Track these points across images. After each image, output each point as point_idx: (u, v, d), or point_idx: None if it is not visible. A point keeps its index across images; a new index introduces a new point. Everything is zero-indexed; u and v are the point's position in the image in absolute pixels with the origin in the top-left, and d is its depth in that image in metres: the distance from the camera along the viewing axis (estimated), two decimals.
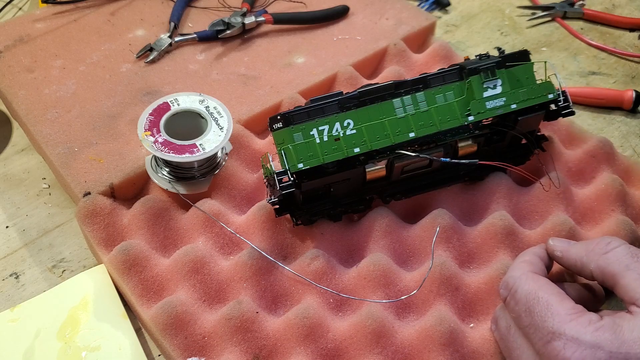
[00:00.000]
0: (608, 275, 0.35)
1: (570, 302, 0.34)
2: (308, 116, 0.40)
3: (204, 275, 0.42)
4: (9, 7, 0.67)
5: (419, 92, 0.42)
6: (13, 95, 0.53)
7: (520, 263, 0.38)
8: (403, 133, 0.41)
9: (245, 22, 0.61)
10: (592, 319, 0.33)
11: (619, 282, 0.34)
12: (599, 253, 0.36)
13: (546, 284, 0.36)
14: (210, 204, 0.45)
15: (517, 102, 0.43)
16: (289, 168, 0.39)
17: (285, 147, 0.40)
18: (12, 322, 0.42)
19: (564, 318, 0.33)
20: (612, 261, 0.35)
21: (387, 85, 0.42)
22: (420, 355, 0.38)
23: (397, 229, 0.44)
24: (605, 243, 0.36)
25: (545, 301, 0.34)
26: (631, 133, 0.57)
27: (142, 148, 0.49)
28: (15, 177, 0.53)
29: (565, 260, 0.38)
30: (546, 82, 0.44)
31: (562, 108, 0.45)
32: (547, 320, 0.34)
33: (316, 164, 0.40)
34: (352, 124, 0.41)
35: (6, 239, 0.48)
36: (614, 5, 0.73)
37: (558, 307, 0.34)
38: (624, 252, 0.35)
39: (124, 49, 0.59)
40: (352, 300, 0.41)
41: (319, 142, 0.40)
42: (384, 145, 0.41)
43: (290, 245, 0.44)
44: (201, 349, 0.39)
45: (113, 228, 0.45)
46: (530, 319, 0.35)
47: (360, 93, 0.41)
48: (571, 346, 0.32)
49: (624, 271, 0.34)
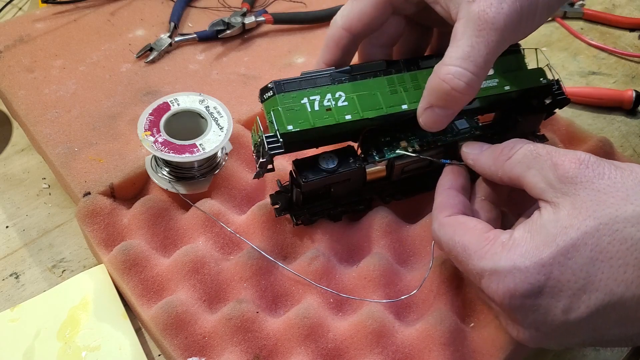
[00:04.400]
0: (514, 179, 0.35)
1: (482, 233, 0.34)
2: (300, 86, 0.40)
3: (204, 275, 0.42)
4: (9, 7, 0.67)
5: (411, 71, 0.42)
6: (13, 95, 0.53)
7: (434, 211, 0.38)
8: (396, 105, 0.41)
9: (245, 22, 0.61)
10: (504, 241, 0.33)
11: (524, 184, 0.34)
12: (503, 160, 0.36)
13: (458, 225, 0.35)
14: (210, 204, 0.45)
15: (509, 85, 0.43)
16: (278, 129, 0.38)
17: (275, 109, 0.39)
18: (12, 322, 0.42)
19: (479, 253, 0.33)
20: (515, 164, 0.35)
21: (379, 62, 0.42)
22: (421, 355, 0.38)
23: (397, 229, 0.44)
24: (509, 148, 0.36)
25: (461, 244, 0.34)
26: (631, 133, 0.57)
27: (142, 148, 0.49)
28: (15, 177, 0.53)
29: (477, 168, 0.38)
30: (537, 68, 0.45)
31: (556, 95, 0.45)
32: (469, 262, 0.34)
33: (306, 127, 0.39)
34: (343, 96, 0.40)
35: (6, 239, 0.48)
36: (614, 5, 0.73)
37: (473, 246, 0.34)
38: (524, 153, 0.35)
39: (124, 49, 0.59)
40: (352, 300, 0.41)
41: (309, 110, 0.40)
42: (376, 115, 0.41)
43: (290, 245, 0.44)
44: (201, 349, 0.39)
45: (113, 228, 0.45)
46: (460, 265, 0.35)
47: (352, 67, 0.41)
48: (494, 279, 0.32)
49: (525, 171, 0.34)
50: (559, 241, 0.31)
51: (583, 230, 0.30)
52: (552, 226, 0.31)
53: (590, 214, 0.30)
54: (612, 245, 0.30)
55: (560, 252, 0.30)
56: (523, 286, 0.31)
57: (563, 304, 0.31)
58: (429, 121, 0.38)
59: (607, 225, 0.30)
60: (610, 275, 0.30)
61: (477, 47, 0.34)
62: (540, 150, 0.34)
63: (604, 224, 0.30)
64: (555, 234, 0.31)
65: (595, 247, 0.30)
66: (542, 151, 0.34)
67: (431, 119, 0.38)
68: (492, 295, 0.33)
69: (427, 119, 0.38)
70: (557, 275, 0.30)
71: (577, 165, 0.32)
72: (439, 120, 0.37)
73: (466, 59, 0.34)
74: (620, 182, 0.31)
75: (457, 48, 0.35)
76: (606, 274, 0.30)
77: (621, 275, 0.29)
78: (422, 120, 0.38)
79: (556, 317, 0.31)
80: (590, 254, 0.30)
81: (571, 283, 0.30)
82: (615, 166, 0.32)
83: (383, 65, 0.42)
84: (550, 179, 0.33)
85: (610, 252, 0.30)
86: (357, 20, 0.41)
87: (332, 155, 0.42)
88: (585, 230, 0.30)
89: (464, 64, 0.35)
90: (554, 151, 0.34)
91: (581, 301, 0.30)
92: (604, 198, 0.31)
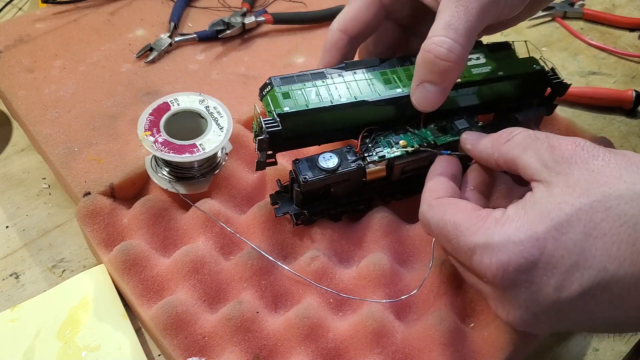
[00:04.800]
0: (510, 161, 0.35)
1: (474, 211, 0.34)
2: (296, 80, 0.41)
3: (204, 275, 0.42)
4: (9, 7, 0.67)
5: (405, 66, 0.43)
6: (13, 95, 0.53)
7: (424, 194, 0.38)
8: (391, 90, 0.42)
9: (245, 22, 0.61)
10: (497, 217, 0.33)
11: (519, 165, 0.34)
12: (501, 142, 0.36)
13: (449, 205, 0.35)
14: (210, 204, 0.45)
15: (503, 71, 0.44)
16: (275, 110, 0.39)
17: (271, 94, 0.40)
18: (12, 322, 0.42)
19: (472, 229, 0.33)
20: (512, 146, 0.35)
21: (373, 60, 0.43)
22: (421, 355, 0.38)
23: (397, 229, 0.44)
24: (508, 132, 0.36)
25: (452, 222, 0.34)
26: (631, 133, 0.57)
27: (142, 148, 0.49)
28: (15, 177, 0.53)
29: (474, 152, 0.39)
30: (530, 57, 0.46)
31: (552, 79, 0.46)
32: (460, 239, 0.33)
33: (302, 108, 0.40)
34: (339, 88, 0.41)
35: (6, 239, 0.48)
36: (614, 5, 0.73)
37: (465, 223, 0.33)
38: (523, 136, 0.35)
39: (124, 49, 0.59)
40: (352, 300, 0.41)
41: (306, 98, 0.40)
42: (373, 99, 0.41)
43: (290, 245, 0.44)
44: (201, 349, 0.39)
45: (113, 228, 0.45)
46: (450, 244, 0.35)
47: (346, 64, 0.42)
48: (486, 254, 0.32)
49: (521, 153, 0.34)
50: (553, 216, 0.30)
51: (577, 206, 0.30)
52: (546, 202, 0.31)
53: (584, 192, 0.30)
54: (605, 222, 0.30)
55: (554, 226, 0.30)
56: (517, 260, 0.31)
57: (555, 280, 0.31)
58: (421, 98, 0.38)
59: (600, 203, 0.30)
60: (603, 252, 0.29)
61: (457, 16, 0.35)
62: (538, 135, 0.35)
63: (597, 200, 0.30)
64: (550, 209, 0.31)
65: (588, 224, 0.30)
66: (541, 135, 0.34)
67: (422, 96, 0.38)
68: (484, 271, 0.32)
69: (419, 96, 0.38)
70: (551, 250, 0.30)
71: (573, 147, 0.32)
72: (430, 97, 0.38)
73: (447, 28, 0.36)
74: (613, 163, 0.31)
75: (439, 20, 0.36)
76: (599, 251, 0.30)
77: (614, 252, 0.29)
78: (414, 99, 0.39)
79: (548, 295, 0.31)
80: (584, 229, 0.30)
81: (564, 259, 0.30)
82: (609, 150, 0.32)
83: (377, 62, 0.43)
84: (545, 160, 0.33)
85: (603, 228, 0.30)
86: (352, 22, 0.43)
87: (332, 155, 0.42)
88: (579, 207, 0.30)
89: (446, 32, 0.36)
90: (552, 136, 0.34)
91: (574, 278, 0.30)
92: (597, 177, 0.31)
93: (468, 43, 0.36)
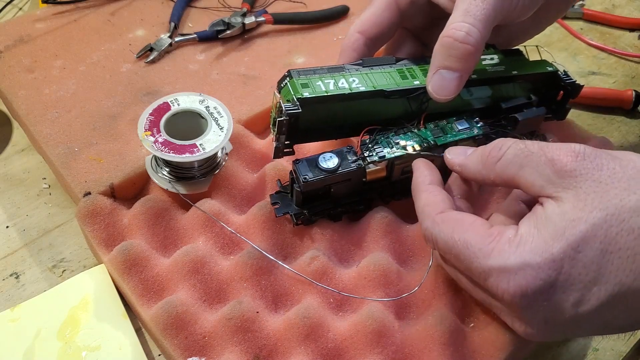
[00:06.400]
0: (508, 180, 0.35)
1: (484, 229, 0.34)
2: (314, 73, 0.42)
3: (204, 275, 0.42)
4: (9, 7, 0.67)
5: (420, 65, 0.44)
6: (13, 95, 0.53)
7: (425, 208, 0.37)
8: (408, 80, 0.43)
9: (245, 22, 0.61)
10: (510, 237, 0.32)
11: (520, 183, 0.34)
12: (493, 162, 0.35)
13: (455, 222, 0.35)
14: (210, 204, 0.45)
15: (517, 70, 0.45)
16: (294, 95, 0.40)
17: (291, 82, 0.40)
18: (12, 322, 0.42)
19: (485, 251, 0.32)
20: (506, 165, 0.35)
21: (389, 57, 0.44)
22: (421, 355, 0.38)
23: (397, 229, 0.44)
24: (497, 149, 0.35)
25: (463, 242, 0.33)
26: (631, 133, 0.57)
27: (142, 148, 0.49)
28: (15, 177, 0.53)
29: (466, 174, 0.38)
30: (542, 60, 0.47)
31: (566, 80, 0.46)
32: (473, 261, 0.33)
33: (321, 94, 0.40)
34: (357, 81, 0.42)
35: (6, 239, 0.48)
36: (614, 5, 0.73)
37: (477, 243, 0.33)
38: (514, 152, 0.34)
39: (124, 49, 0.59)
40: (353, 300, 0.41)
41: (324, 89, 0.41)
42: (390, 88, 0.42)
43: (290, 245, 0.44)
44: (201, 348, 0.39)
45: (113, 228, 0.45)
46: (461, 264, 0.34)
47: (363, 61, 0.43)
48: (504, 277, 0.31)
49: (519, 171, 0.34)
50: (568, 235, 0.30)
51: (591, 222, 0.30)
52: (558, 219, 0.31)
53: (596, 206, 0.30)
54: (620, 236, 0.30)
55: (570, 245, 0.30)
56: (535, 283, 0.31)
57: (574, 297, 0.31)
58: (437, 86, 0.39)
59: (614, 216, 0.30)
60: (619, 266, 0.30)
61: (474, 4, 0.37)
62: (531, 147, 0.34)
63: (610, 214, 0.30)
64: (564, 227, 0.30)
65: (604, 239, 0.30)
66: (534, 148, 0.34)
67: (439, 84, 0.39)
68: (500, 294, 0.32)
69: (435, 83, 0.39)
70: (568, 270, 0.30)
71: (573, 158, 0.32)
72: (447, 84, 0.38)
73: (465, 14, 0.37)
74: (620, 173, 0.31)
75: (457, 10, 0.37)
76: (616, 265, 0.30)
77: (630, 265, 0.30)
78: (430, 86, 0.39)
79: (566, 311, 0.31)
80: (601, 246, 0.30)
81: (582, 276, 0.30)
82: (612, 156, 0.32)
83: (392, 60, 0.44)
84: (547, 175, 0.32)
85: (619, 243, 0.30)
86: (369, 23, 0.44)
87: (332, 155, 0.42)
88: (594, 222, 0.30)
89: (464, 18, 0.37)
90: (546, 146, 0.33)
91: (591, 294, 0.30)
92: (606, 189, 0.30)
93: (485, 29, 0.37)
